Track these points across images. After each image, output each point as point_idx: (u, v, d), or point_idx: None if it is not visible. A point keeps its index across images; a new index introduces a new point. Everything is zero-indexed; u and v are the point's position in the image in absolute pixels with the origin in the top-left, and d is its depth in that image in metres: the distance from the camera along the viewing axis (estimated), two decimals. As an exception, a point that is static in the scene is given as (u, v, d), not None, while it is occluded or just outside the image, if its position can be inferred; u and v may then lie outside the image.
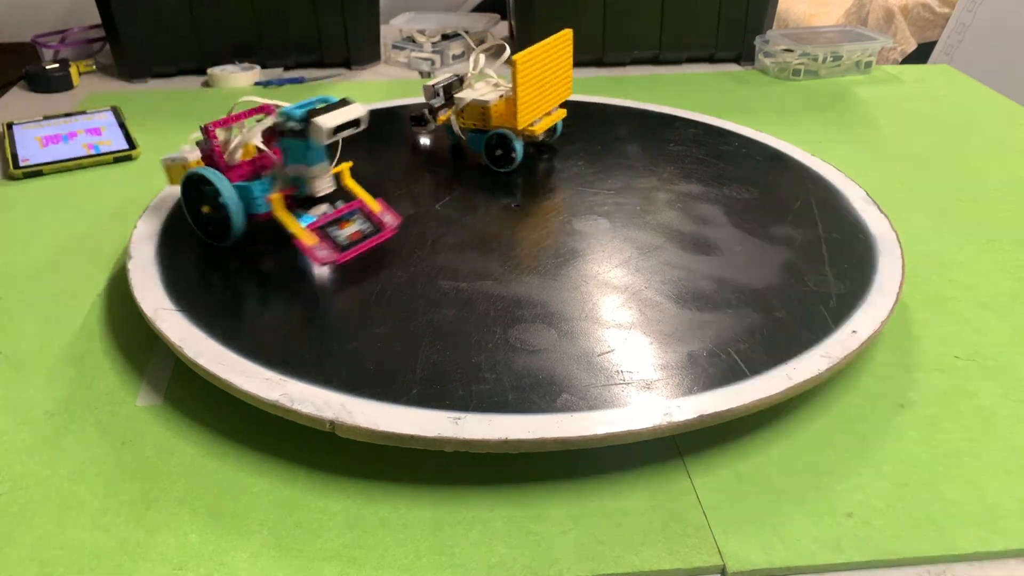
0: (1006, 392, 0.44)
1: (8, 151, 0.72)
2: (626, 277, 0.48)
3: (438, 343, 0.42)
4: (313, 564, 0.34)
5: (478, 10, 1.60)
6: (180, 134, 0.78)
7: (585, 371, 0.40)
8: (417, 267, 0.49)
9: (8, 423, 0.42)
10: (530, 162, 0.63)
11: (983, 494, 0.37)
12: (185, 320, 0.44)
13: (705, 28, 0.97)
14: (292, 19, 0.95)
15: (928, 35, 1.58)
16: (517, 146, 0.61)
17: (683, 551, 0.34)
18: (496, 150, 0.62)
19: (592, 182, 0.60)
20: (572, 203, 0.57)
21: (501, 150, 0.61)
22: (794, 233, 0.53)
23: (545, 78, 0.61)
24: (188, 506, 0.37)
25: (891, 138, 0.76)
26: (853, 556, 0.34)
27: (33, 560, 0.34)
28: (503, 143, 0.61)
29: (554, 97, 0.63)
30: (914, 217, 0.62)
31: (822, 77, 0.94)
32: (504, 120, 0.62)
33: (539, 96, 0.61)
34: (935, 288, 0.53)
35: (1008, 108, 0.84)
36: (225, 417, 0.42)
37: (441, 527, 0.36)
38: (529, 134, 0.62)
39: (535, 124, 0.62)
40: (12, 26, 1.41)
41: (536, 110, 0.61)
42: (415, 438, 0.36)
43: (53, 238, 0.60)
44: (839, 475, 0.38)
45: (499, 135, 0.61)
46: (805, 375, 0.40)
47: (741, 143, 0.67)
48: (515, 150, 0.61)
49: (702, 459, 0.39)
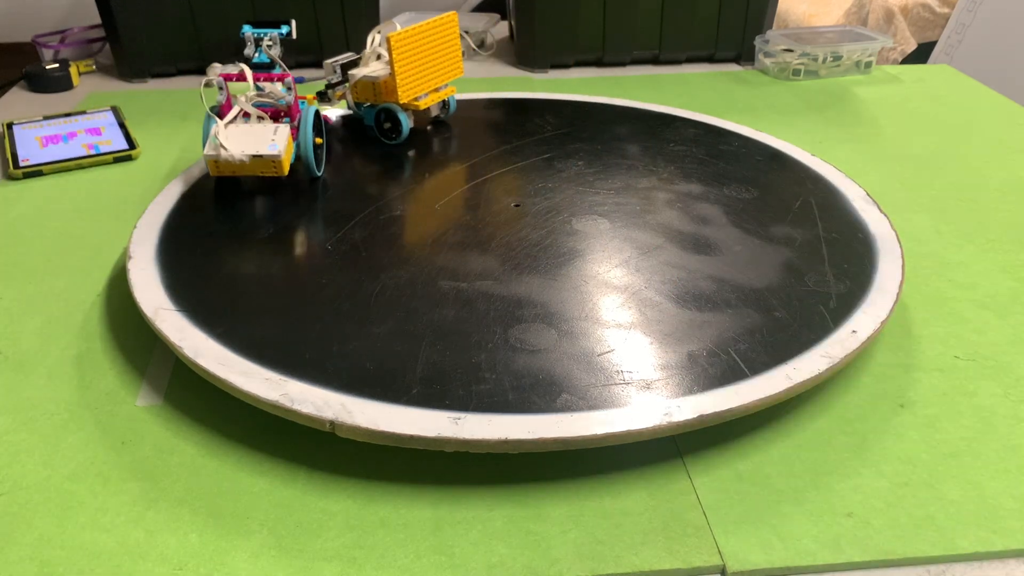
0: (1006, 392, 0.44)
1: (8, 151, 0.72)
2: (626, 277, 0.48)
3: (438, 343, 0.42)
4: (313, 564, 0.34)
5: (478, 10, 1.60)
6: (180, 134, 0.78)
7: (585, 371, 0.40)
8: (417, 267, 0.49)
9: (8, 423, 0.42)
10: (534, 162, 0.63)
11: (983, 494, 0.37)
12: (185, 320, 0.44)
13: (705, 28, 0.97)
14: (292, 19, 0.94)
15: (928, 35, 1.58)
16: (403, 118, 0.66)
17: (683, 551, 0.34)
18: (385, 123, 0.67)
19: (592, 182, 0.60)
20: (572, 203, 0.57)
21: (389, 123, 0.67)
22: (794, 233, 0.53)
23: (426, 56, 0.67)
24: (188, 506, 0.37)
25: (891, 138, 0.76)
26: (853, 556, 0.34)
27: (33, 560, 0.34)
28: (391, 116, 0.67)
29: (439, 75, 0.69)
30: (914, 217, 0.62)
31: (822, 77, 0.94)
32: (391, 96, 0.67)
33: (421, 73, 0.67)
34: (935, 288, 0.53)
35: (1008, 108, 0.84)
36: (225, 417, 0.42)
37: (441, 527, 0.36)
38: (414, 108, 0.67)
39: (420, 99, 0.67)
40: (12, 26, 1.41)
41: (419, 86, 0.67)
42: (415, 438, 0.36)
43: (53, 238, 0.60)
44: (839, 475, 0.38)
45: (386, 109, 0.67)
46: (805, 375, 0.40)
47: (741, 143, 0.67)
48: (401, 123, 0.66)
49: (702, 459, 0.39)
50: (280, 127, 0.58)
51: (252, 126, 0.58)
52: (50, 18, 1.42)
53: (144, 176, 0.70)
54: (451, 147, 0.67)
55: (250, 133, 0.57)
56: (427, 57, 0.66)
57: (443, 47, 0.68)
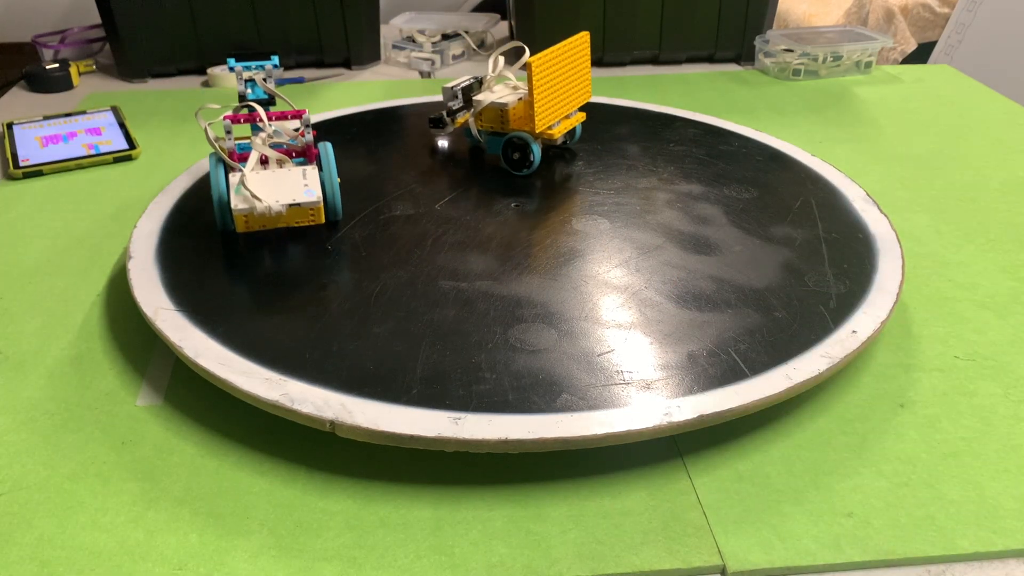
0: (1006, 392, 0.44)
1: (8, 151, 0.72)
2: (626, 277, 0.48)
3: (438, 343, 0.42)
4: (313, 564, 0.34)
5: (478, 10, 1.60)
6: (180, 134, 0.78)
7: (585, 371, 0.40)
8: (417, 267, 0.49)
9: (8, 423, 0.42)
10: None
11: (983, 494, 0.37)
12: (185, 320, 0.44)
13: (705, 28, 0.97)
14: (292, 19, 0.95)
15: (928, 35, 1.58)
16: (535, 149, 0.60)
17: (683, 551, 0.34)
18: (514, 153, 0.61)
19: (592, 182, 0.60)
20: (572, 203, 0.57)
21: (519, 153, 0.61)
22: (794, 233, 0.53)
23: (562, 81, 0.61)
24: (188, 506, 0.37)
25: (891, 138, 0.76)
26: (853, 556, 0.34)
27: (33, 560, 0.34)
28: (521, 146, 0.61)
29: (572, 100, 0.63)
30: (914, 217, 0.62)
31: (822, 77, 0.94)
32: (522, 123, 0.62)
33: (556, 99, 0.61)
34: (935, 288, 0.53)
35: (1008, 108, 0.84)
36: (225, 417, 0.42)
37: (441, 527, 0.36)
38: (547, 137, 0.62)
39: (553, 127, 0.62)
40: (12, 26, 1.41)
41: (554, 113, 0.61)
42: (415, 438, 0.36)
43: (53, 238, 0.60)
44: (839, 475, 0.38)
45: (517, 138, 0.61)
46: (805, 375, 0.40)
47: (741, 143, 0.67)
48: (533, 153, 0.60)
49: (702, 459, 0.39)
50: (308, 170, 0.52)
51: (276, 172, 0.51)
52: (50, 18, 1.42)
53: (144, 176, 0.70)
54: (452, 147, 0.67)
55: (278, 180, 0.51)
56: (562, 81, 0.61)
57: (577, 70, 0.62)
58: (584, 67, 0.63)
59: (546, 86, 0.59)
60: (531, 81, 0.57)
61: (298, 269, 0.49)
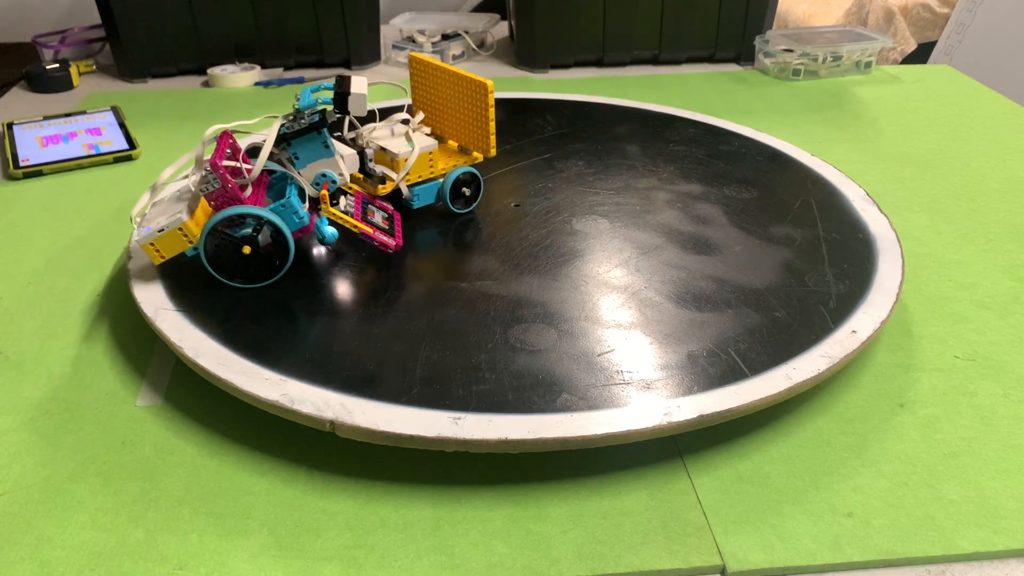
0: (1006, 392, 0.44)
1: (8, 151, 0.72)
2: (626, 277, 0.48)
3: (438, 343, 0.42)
4: (313, 564, 0.34)
5: (478, 10, 1.60)
6: (180, 134, 0.78)
7: (585, 371, 0.40)
8: (417, 267, 0.49)
9: (8, 423, 0.42)
10: (534, 162, 0.63)
11: (983, 494, 0.37)
12: (185, 320, 0.44)
13: (705, 28, 0.97)
14: (292, 19, 0.95)
15: (928, 35, 1.58)
16: (481, 179, 0.55)
17: (683, 551, 0.34)
18: (463, 187, 0.55)
19: (592, 182, 0.60)
20: (572, 203, 0.57)
21: (468, 188, 0.55)
22: (794, 233, 0.53)
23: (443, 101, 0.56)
24: (188, 506, 0.37)
25: (891, 138, 0.76)
26: (853, 556, 0.34)
27: (33, 560, 0.34)
28: (468, 180, 0.54)
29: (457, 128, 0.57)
30: (914, 217, 0.62)
31: (822, 77, 0.94)
32: (459, 155, 0.55)
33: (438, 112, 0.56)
34: (935, 288, 0.53)
35: (1008, 108, 0.84)
36: (225, 417, 0.42)
37: (441, 527, 0.36)
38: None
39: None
40: (12, 26, 1.41)
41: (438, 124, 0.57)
42: (415, 438, 0.36)
43: (53, 238, 0.60)
44: (839, 475, 0.38)
45: (466, 172, 0.54)
46: (805, 375, 0.40)
47: (741, 143, 0.67)
48: (481, 183, 0.55)
49: (702, 459, 0.39)
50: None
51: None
52: (50, 18, 1.42)
53: (144, 176, 0.70)
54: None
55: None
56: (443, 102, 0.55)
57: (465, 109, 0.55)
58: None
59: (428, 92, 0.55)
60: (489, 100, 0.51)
61: (298, 269, 0.49)
